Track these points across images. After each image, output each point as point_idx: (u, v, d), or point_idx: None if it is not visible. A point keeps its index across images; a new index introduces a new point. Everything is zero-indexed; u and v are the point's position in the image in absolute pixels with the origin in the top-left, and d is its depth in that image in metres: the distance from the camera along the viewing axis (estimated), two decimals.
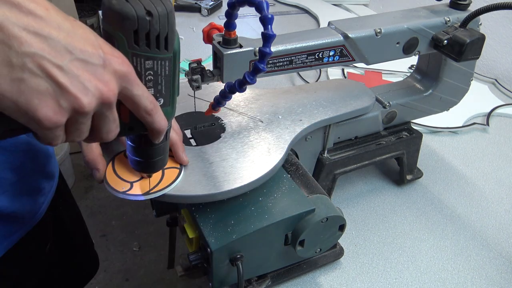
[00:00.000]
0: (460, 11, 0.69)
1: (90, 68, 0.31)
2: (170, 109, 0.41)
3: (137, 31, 0.34)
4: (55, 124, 0.31)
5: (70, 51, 0.30)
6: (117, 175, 0.51)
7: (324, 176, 0.71)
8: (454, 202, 0.81)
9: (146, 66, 0.36)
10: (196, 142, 0.60)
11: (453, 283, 0.66)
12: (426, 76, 0.79)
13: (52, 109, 0.30)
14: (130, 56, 0.35)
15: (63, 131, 0.33)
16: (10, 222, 0.62)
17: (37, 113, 0.30)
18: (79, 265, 0.93)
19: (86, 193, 2.01)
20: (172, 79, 0.39)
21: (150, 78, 0.37)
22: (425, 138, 0.95)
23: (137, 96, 0.35)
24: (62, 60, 0.30)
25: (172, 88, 0.40)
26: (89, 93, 0.31)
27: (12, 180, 0.60)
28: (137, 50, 0.35)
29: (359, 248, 0.70)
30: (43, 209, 0.70)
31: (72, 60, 0.30)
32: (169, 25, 0.35)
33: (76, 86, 0.31)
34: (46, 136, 0.32)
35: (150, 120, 0.38)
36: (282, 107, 0.67)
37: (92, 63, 0.31)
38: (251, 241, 0.52)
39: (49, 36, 0.29)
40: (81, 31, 0.31)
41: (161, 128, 0.39)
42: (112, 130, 0.36)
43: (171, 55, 0.37)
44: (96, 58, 0.32)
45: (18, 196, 0.62)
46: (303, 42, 0.59)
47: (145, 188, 0.50)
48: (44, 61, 0.29)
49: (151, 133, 0.40)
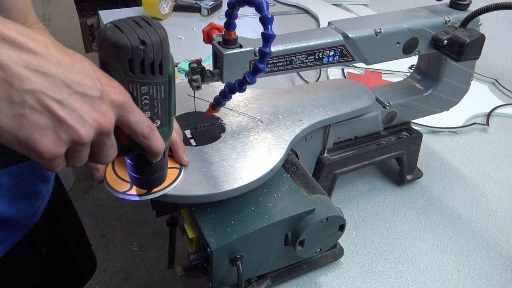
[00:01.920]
0: (460, 11, 0.69)
1: (88, 100, 0.32)
2: (167, 129, 0.42)
3: (132, 60, 0.35)
4: (55, 155, 0.32)
5: (68, 85, 0.31)
6: (117, 175, 0.51)
7: (324, 176, 0.71)
8: (454, 202, 0.81)
9: (142, 92, 0.37)
10: (196, 142, 0.60)
11: (453, 283, 0.66)
12: (426, 76, 0.79)
13: (51, 142, 0.32)
14: (126, 83, 0.36)
15: (63, 159, 0.34)
16: (6, 227, 0.62)
17: (37, 146, 0.31)
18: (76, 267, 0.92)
19: (86, 193, 2.01)
20: (168, 101, 0.40)
21: (146, 102, 0.38)
22: (425, 138, 0.95)
23: (133, 123, 0.36)
24: (61, 95, 0.31)
25: (169, 110, 0.41)
26: (87, 125, 0.33)
27: (9, 185, 0.60)
28: (132, 77, 0.36)
29: (359, 248, 0.70)
30: (39, 212, 0.70)
31: (70, 94, 0.31)
32: (163, 52, 0.36)
33: (75, 118, 0.32)
34: (47, 165, 0.34)
35: (147, 143, 0.39)
36: (282, 107, 0.67)
37: (90, 95, 0.32)
38: (251, 241, 0.52)
39: (49, 73, 0.30)
40: (79, 64, 0.32)
41: (158, 150, 0.40)
42: (110, 155, 0.38)
43: (166, 79, 0.38)
44: (94, 90, 0.33)
45: (15, 201, 0.62)
46: (303, 42, 0.59)
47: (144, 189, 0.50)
48: (44, 97, 0.30)
49: (148, 155, 0.41)
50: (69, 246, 0.88)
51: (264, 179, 0.54)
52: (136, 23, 0.35)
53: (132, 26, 0.35)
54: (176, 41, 1.31)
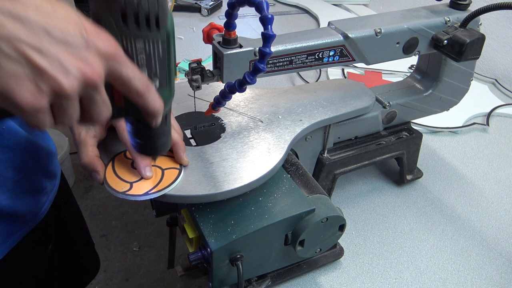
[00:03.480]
0: (460, 11, 0.69)
1: (71, 49, 0.30)
2: (167, 91, 0.39)
3: (124, 11, 0.33)
4: (36, 108, 0.30)
5: (49, 32, 0.29)
6: (117, 175, 0.51)
7: (324, 176, 0.71)
8: (454, 202, 0.81)
9: (137, 47, 0.35)
10: (196, 142, 0.60)
11: (453, 283, 0.66)
12: (426, 76, 0.79)
13: (31, 93, 0.29)
14: (119, 37, 0.34)
15: (49, 115, 0.32)
16: (11, 221, 0.62)
17: (15, 97, 0.29)
18: (80, 266, 0.92)
19: (86, 193, 2.01)
20: (168, 60, 0.37)
21: (142, 59, 0.36)
22: (425, 138, 0.95)
23: (126, 77, 0.34)
24: (40, 42, 0.29)
25: (168, 69, 0.38)
26: (70, 75, 0.30)
27: (14, 179, 0.60)
28: (126, 30, 0.34)
29: (359, 248, 0.70)
30: (45, 208, 0.70)
31: (51, 41, 0.29)
32: (159, 4, 0.34)
33: (56, 68, 0.29)
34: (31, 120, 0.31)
35: (143, 102, 0.36)
36: (282, 107, 0.67)
37: (74, 44, 0.30)
38: (251, 241, 0.52)
39: (26, 18, 0.28)
40: (63, 12, 0.30)
41: (155, 110, 0.37)
42: (103, 112, 0.35)
43: (164, 35, 0.36)
44: (78, 39, 0.30)
45: (20, 195, 0.62)
46: (303, 42, 0.59)
47: (145, 188, 0.50)
48: (21, 44, 0.28)
49: (146, 116, 0.38)
50: (74, 245, 0.88)
51: (264, 179, 0.54)
52: None
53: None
54: (176, 41, 1.31)
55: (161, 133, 0.43)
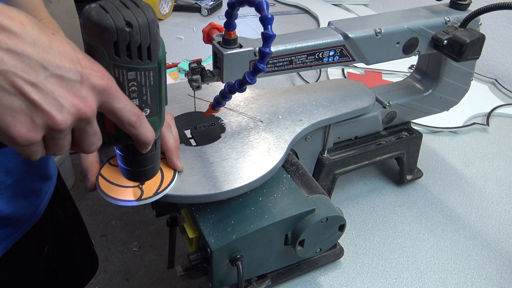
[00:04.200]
0: (460, 11, 0.69)
1: (66, 84, 0.31)
2: (157, 119, 0.40)
3: (117, 43, 0.33)
4: (29, 141, 0.31)
5: (45, 67, 0.29)
6: (110, 180, 0.50)
7: (324, 176, 0.71)
8: (454, 202, 0.81)
9: (129, 77, 0.35)
10: (196, 142, 0.60)
11: (453, 283, 0.66)
12: (426, 76, 0.79)
13: (25, 127, 0.30)
14: (112, 67, 0.34)
15: (42, 146, 0.33)
16: (6, 225, 0.62)
17: (10, 130, 0.29)
18: (78, 266, 0.92)
19: (86, 193, 2.01)
20: (159, 89, 0.38)
21: (134, 89, 0.36)
22: (425, 138, 0.95)
23: (118, 110, 0.34)
24: (36, 77, 0.29)
25: (159, 98, 0.38)
26: (64, 110, 0.31)
27: (6, 183, 0.60)
28: (118, 61, 0.34)
29: (359, 248, 0.70)
30: (39, 210, 0.69)
31: (47, 76, 0.30)
32: (151, 35, 0.34)
33: (50, 103, 0.30)
34: (23, 151, 0.32)
35: (135, 132, 0.37)
36: (282, 107, 0.67)
37: (69, 78, 0.31)
38: (251, 241, 0.52)
39: (23, 53, 0.28)
40: (59, 45, 0.31)
41: (147, 139, 0.38)
42: (94, 143, 0.36)
43: (155, 65, 0.36)
44: (73, 74, 0.31)
45: (13, 199, 0.62)
46: (303, 42, 0.59)
47: (138, 193, 0.49)
48: (17, 79, 0.28)
49: (137, 145, 0.39)
50: (71, 246, 0.88)
51: (264, 179, 0.54)
52: (123, 3, 0.33)
53: (118, 7, 0.33)
54: (176, 41, 1.31)
55: (150, 159, 0.44)
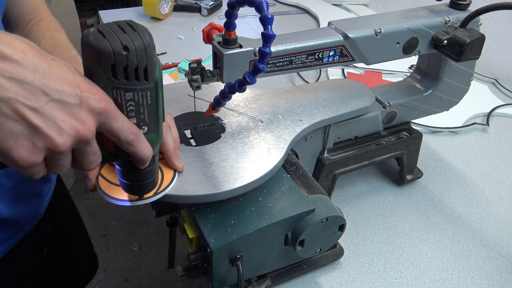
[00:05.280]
0: (460, 11, 0.69)
1: (65, 108, 0.32)
2: (155, 135, 0.41)
3: (114, 66, 0.34)
4: (31, 164, 0.32)
5: (45, 92, 0.31)
6: (110, 180, 0.51)
7: (324, 176, 0.71)
8: (454, 202, 0.81)
9: (127, 98, 0.37)
10: (196, 142, 0.60)
11: (453, 283, 0.66)
12: (426, 76, 0.79)
13: (27, 150, 0.31)
14: (110, 89, 0.36)
15: (43, 166, 0.34)
16: (6, 227, 0.62)
17: (12, 154, 0.31)
18: (78, 267, 0.92)
19: (86, 193, 2.01)
20: (156, 107, 0.39)
21: (131, 108, 0.38)
22: (425, 138, 0.95)
23: (116, 129, 0.36)
24: (37, 102, 0.31)
25: (156, 116, 0.40)
26: (64, 133, 0.32)
27: (7, 186, 0.60)
28: (115, 83, 0.35)
29: (359, 248, 0.70)
30: (40, 212, 0.70)
31: (47, 101, 0.31)
32: (147, 58, 0.36)
33: (51, 127, 0.32)
34: (25, 172, 0.33)
35: (133, 150, 0.38)
36: (282, 107, 0.67)
37: (68, 102, 0.32)
38: (251, 241, 0.52)
39: (25, 80, 0.30)
40: (59, 70, 0.32)
41: (145, 156, 0.40)
42: (93, 162, 0.37)
43: (152, 85, 0.37)
44: (73, 97, 0.32)
45: (14, 201, 0.62)
46: (303, 42, 0.59)
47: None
48: (19, 105, 0.30)
49: (135, 161, 0.41)
50: (71, 247, 0.88)
51: (264, 179, 0.54)
52: (120, 28, 0.35)
53: (115, 31, 0.34)
54: (176, 41, 1.31)
55: (149, 173, 0.45)
